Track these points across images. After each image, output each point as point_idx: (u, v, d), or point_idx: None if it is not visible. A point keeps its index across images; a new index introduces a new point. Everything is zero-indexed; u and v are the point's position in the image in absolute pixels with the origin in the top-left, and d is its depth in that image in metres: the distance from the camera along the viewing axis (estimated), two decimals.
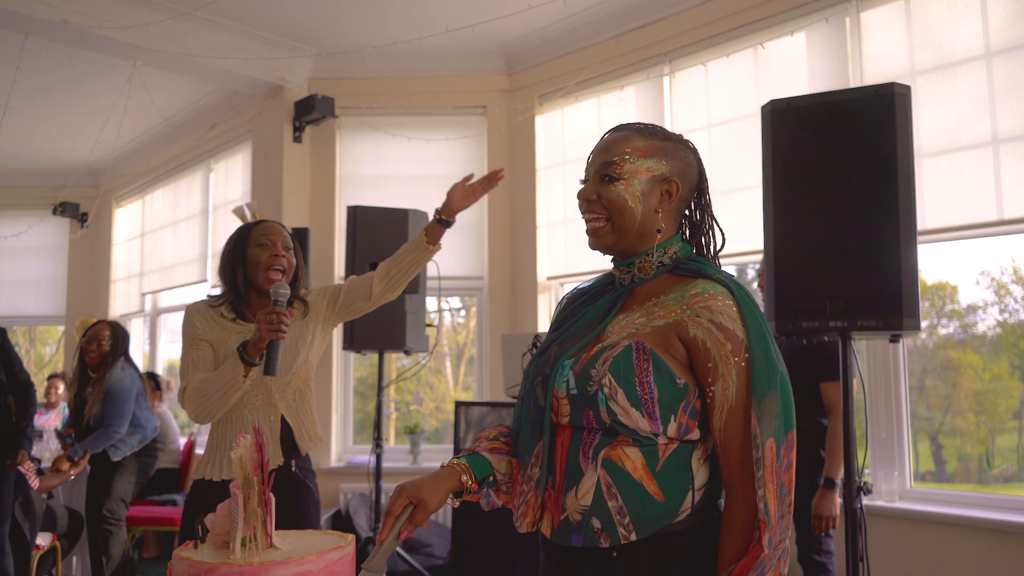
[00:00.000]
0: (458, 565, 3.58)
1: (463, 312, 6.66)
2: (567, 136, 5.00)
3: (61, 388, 6.33)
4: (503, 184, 5.17)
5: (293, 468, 2.26)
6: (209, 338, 2.25)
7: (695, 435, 1.30)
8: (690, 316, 1.28)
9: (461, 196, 2.38)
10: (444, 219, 2.37)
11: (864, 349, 3.65)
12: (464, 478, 1.37)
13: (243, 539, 1.15)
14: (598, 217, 1.39)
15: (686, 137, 1.46)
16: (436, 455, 5.22)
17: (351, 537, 1.23)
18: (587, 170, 1.43)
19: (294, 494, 2.24)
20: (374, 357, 4.12)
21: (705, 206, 1.44)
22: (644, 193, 1.37)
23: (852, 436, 2.42)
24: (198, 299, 2.38)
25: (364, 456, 5.10)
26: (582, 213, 1.42)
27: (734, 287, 1.31)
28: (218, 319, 2.27)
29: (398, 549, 4.16)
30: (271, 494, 1.21)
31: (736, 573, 1.22)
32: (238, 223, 5.52)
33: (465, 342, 7.50)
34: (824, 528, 2.92)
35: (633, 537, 1.27)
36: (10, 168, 7.33)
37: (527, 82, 5.16)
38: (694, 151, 1.44)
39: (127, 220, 7.70)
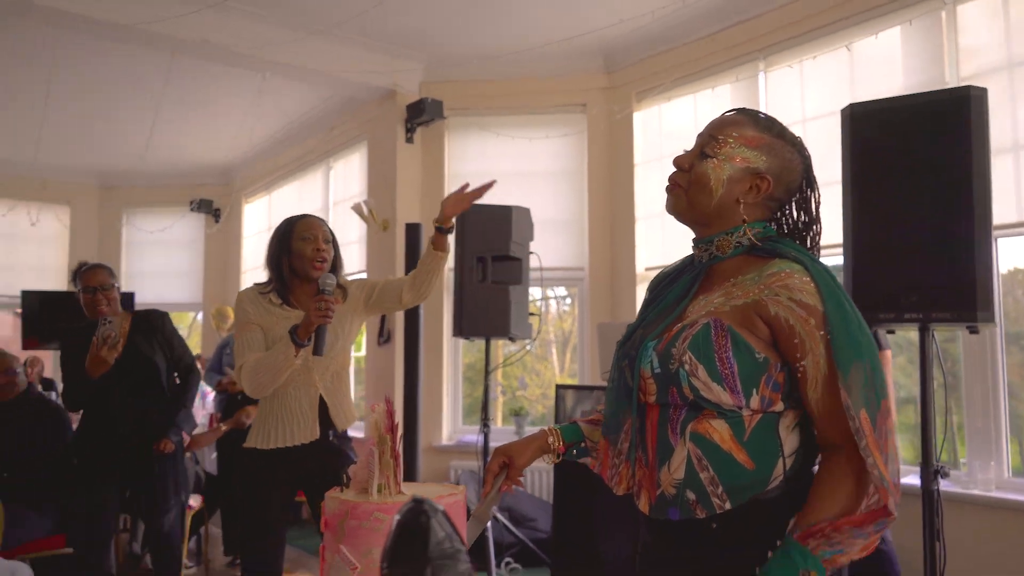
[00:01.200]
0: (560, 538, 3.81)
1: (568, 300, 6.89)
2: (664, 132, 5.17)
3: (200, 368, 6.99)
4: (603, 179, 5.44)
5: (330, 438, 2.57)
6: (259, 322, 2.54)
7: (779, 407, 1.32)
8: (769, 295, 1.31)
9: (453, 203, 2.57)
10: (441, 227, 2.58)
11: (961, 339, 3.70)
12: (551, 439, 1.56)
13: (379, 485, 1.46)
14: (679, 186, 1.44)
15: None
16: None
17: (462, 488, 1.53)
18: (697, 138, 1.47)
19: (334, 459, 2.55)
20: (482, 344, 4.43)
21: (806, 207, 1.46)
22: (731, 179, 1.39)
23: (929, 423, 2.54)
24: (248, 287, 2.69)
25: (472, 436, 5.44)
26: (669, 176, 1.47)
27: (809, 263, 1.32)
28: (267, 305, 2.57)
29: (505, 522, 4.48)
30: (399, 453, 1.52)
31: (853, 522, 1.22)
32: (356, 218, 5.95)
33: (570, 330, 7.75)
34: None
35: (727, 506, 1.30)
36: (156, 170, 8.07)
37: (625, 80, 5.35)
38: (805, 156, 1.45)
39: (255, 215, 8.33)
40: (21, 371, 4.04)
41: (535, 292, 5.10)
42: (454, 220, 2.61)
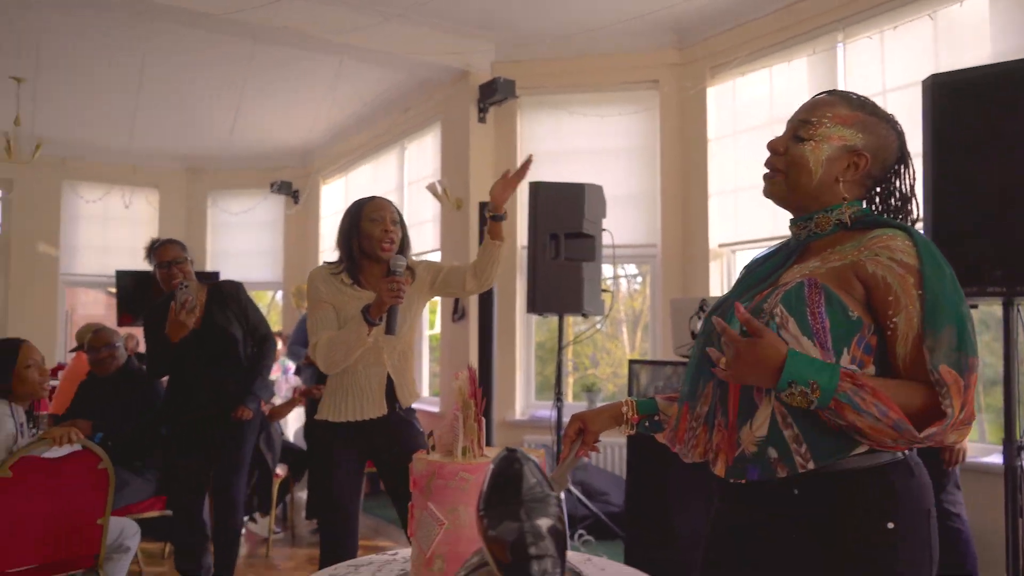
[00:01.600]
0: (633, 511, 3.87)
1: (639, 279, 6.89)
2: (738, 107, 5.11)
3: (279, 344, 7.26)
4: (675, 155, 5.42)
5: (397, 410, 2.67)
6: (331, 301, 2.63)
7: (870, 370, 1.32)
8: (868, 256, 1.32)
9: (500, 190, 2.58)
10: (494, 215, 2.61)
11: None
12: (625, 409, 1.62)
13: (463, 448, 1.55)
14: (777, 169, 1.47)
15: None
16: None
17: (541, 451, 1.60)
18: (788, 123, 1.49)
19: (401, 431, 2.66)
20: (552, 323, 4.50)
21: (901, 183, 1.47)
22: (829, 159, 1.41)
23: (1012, 398, 2.50)
24: (319, 266, 2.78)
25: (544, 411, 5.53)
26: (766, 161, 1.50)
27: (912, 231, 1.34)
28: (338, 285, 2.65)
29: (579, 495, 4.56)
30: (482, 418, 1.60)
31: (890, 406, 1.23)
32: (430, 197, 6.06)
33: (641, 308, 7.74)
34: (953, 461, 2.97)
35: (811, 466, 1.30)
36: (239, 154, 8.36)
37: (698, 55, 5.29)
38: (899, 133, 1.46)
39: (332, 196, 8.55)
40: (121, 345, 4.29)
41: (607, 269, 5.13)
42: (505, 208, 2.64)
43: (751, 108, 5.00)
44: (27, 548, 2.79)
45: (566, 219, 4.24)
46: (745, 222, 5.03)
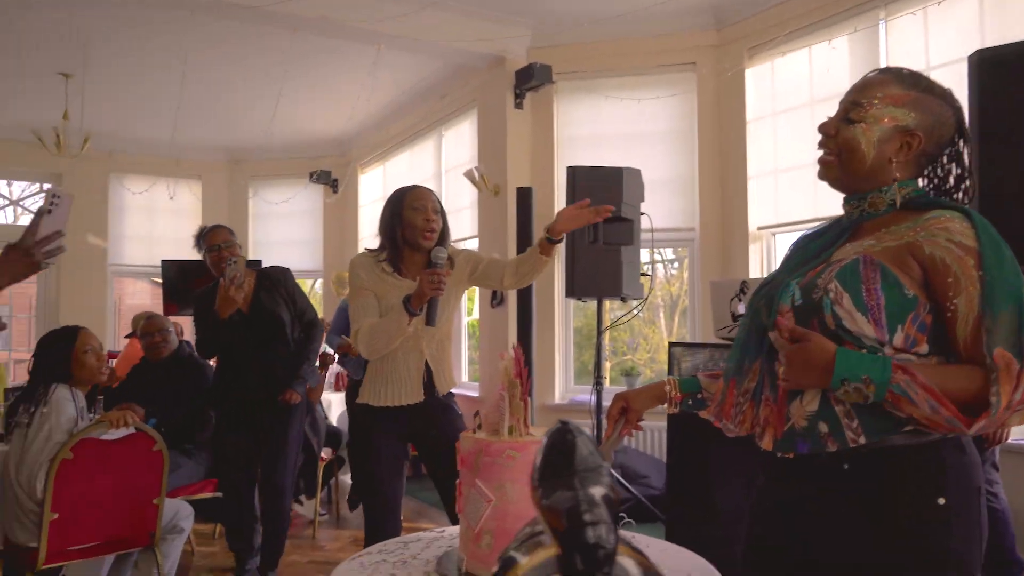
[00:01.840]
0: (673, 491, 3.88)
1: (676, 264, 6.86)
2: (777, 88, 5.06)
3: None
4: (713, 137, 5.38)
5: (436, 395, 2.71)
6: (372, 288, 2.67)
7: (923, 348, 1.32)
8: (925, 237, 1.31)
9: (566, 220, 2.52)
10: (551, 238, 2.55)
11: None
12: (668, 388, 1.65)
13: (510, 427, 1.59)
14: (830, 152, 1.46)
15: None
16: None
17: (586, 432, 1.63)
18: (840, 104, 1.47)
19: (440, 415, 2.71)
20: (590, 309, 4.51)
21: (958, 160, 1.45)
22: (881, 140, 1.40)
23: None
24: (361, 253, 2.82)
25: (584, 396, 5.56)
26: (819, 145, 1.49)
27: (971, 212, 1.33)
28: (379, 273, 2.69)
29: (619, 478, 4.59)
30: (527, 397, 1.64)
31: (938, 398, 1.23)
32: (468, 184, 6.10)
33: (679, 293, 7.71)
34: (995, 440, 2.90)
35: (862, 440, 1.30)
36: (279, 144, 8.47)
37: (736, 36, 5.24)
38: (956, 108, 1.43)
39: (370, 184, 8.64)
40: (172, 331, 4.42)
41: (645, 254, 5.13)
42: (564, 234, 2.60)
43: (791, 89, 4.94)
44: (89, 526, 2.90)
45: (603, 202, 4.23)
46: (785, 204, 4.99)
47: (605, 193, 4.25)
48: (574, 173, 4.38)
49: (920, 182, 1.46)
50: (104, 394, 3.94)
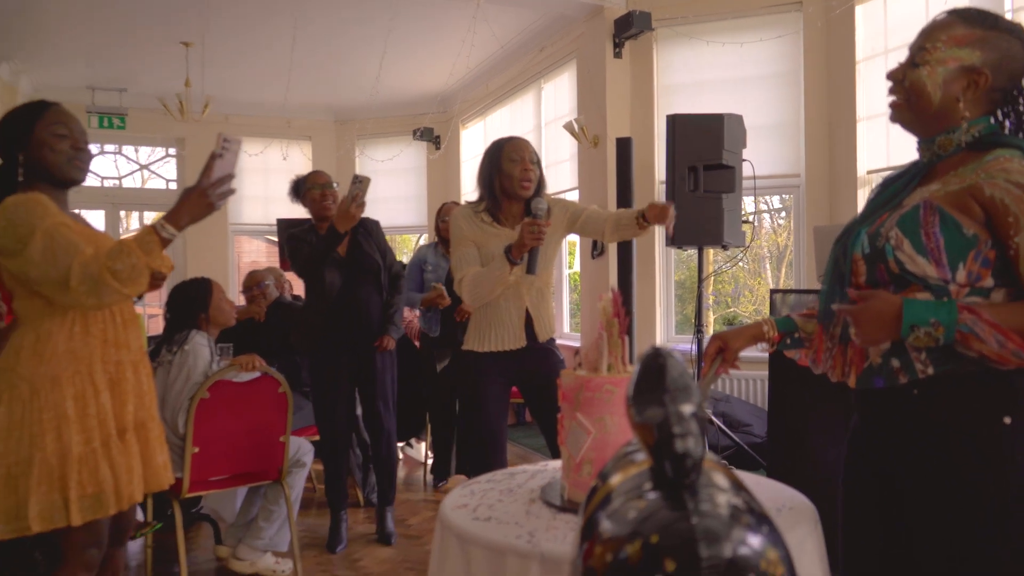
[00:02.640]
0: (773, 442, 3.89)
1: (784, 213, 6.70)
2: (889, 24, 4.82)
3: None
4: (819, 79, 5.22)
5: (540, 343, 2.81)
6: (473, 238, 2.77)
7: (988, 283, 1.37)
8: (985, 179, 1.35)
9: (657, 214, 2.65)
10: (645, 221, 2.70)
11: None
12: (765, 328, 1.70)
13: (608, 364, 1.67)
14: (898, 96, 1.52)
15: None
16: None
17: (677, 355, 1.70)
18: (908, 49, 1.52)
19: (544, 359, 2.82)
20: (692, 261, 4.50)
21: None
22: (947, 81, 1.44)
23: None
24: (461, 205, 2.92)
25: (685, 345, 5.57)
26: (888, 91, 1.54)
27: None
28: (479, 223, 2.78)
29: (721, 426, 4.62)
30: (625, 336, 1.71)
31: (1006, 333, 1.29)
32: (568, 137, 6.11)
33: (786, 244, 7.52)
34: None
35: (930, 371, 1.38)
36: (383, 103, 8.68)
37: None
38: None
39: (472, 140, 8.76)
40: (270, 283, 4.74)
41: (748, 201, 5.05)
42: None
43: (904, 25, 4.70)
44: (224, 460, 3.18)
45: (705, 151, 4.21)
46: (897, 146, 4.79)
47: (705, 141, 4.21)
48: (673, 121, 4.35)
49: (997, 119, 1.48)
50: (232, 342, 4.23)
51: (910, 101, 1.49)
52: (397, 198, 9.46)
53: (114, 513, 2.03)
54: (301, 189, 3.82)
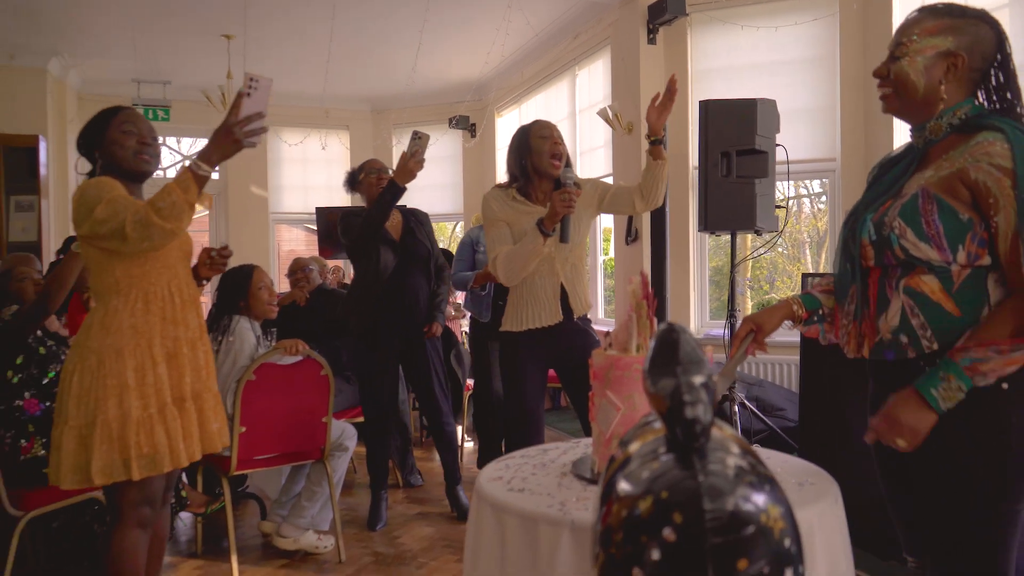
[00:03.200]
0: (805, 426, 3.92)
1: (824, 197, 6.67)
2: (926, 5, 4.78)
3: None
4: (855, 63, 5.18)
5: (574, 319, 2.89)
6: (504, 218, 2.86)
7: (986, 261, 1.50)
8: (971, 163, 1.48)
9: (656, 115, 2.73)
10: (653, 139, 2.79)
11: None
12: (795, 308, 1.79)
13: (637, 344, 1.74)
14: (887, 89, 1.64)
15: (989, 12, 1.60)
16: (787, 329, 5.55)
17: (709, 349, 1.76)
18: (888, 49, 1.64)
19: (579, 338, 2.90)
20: (728, 247, 4.52)
21: (1005, 68, 1.58)
22: (927, 68, 1.57)
23: None
24: (491, 188, 3.00)
25: (718, 331, 5.60)
26: (877, 86, 1.67)
27: (1009, 131, 1.48)
28: (510, 202, 2.89)
29: (754, 411, 4.64)
30: (654, 317, 1.78)
31: (996, 343, 1.42)
32: (602, 123, 6.14)
33: (826, 228, 7.47)
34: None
35: (935, 346, 1.52)
36: (419, 92, 8.79)
37: None
38: (992, 24, 1.58)
39: (507, 128, 8.82)
40: (314, 269, 4.87)
41: (782, 186, 5.04)
42: (664, 129, 2.80)
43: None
44: (269, 439, 3.31)
45: (737, 136, 4.23)
46: None
47: (738, 126, 4.23)
48: (706, 107, 4.37)
49: (979, 101, 1.60)
50: (275, 326, 4.39)
51: (897, 91, 1.62)
52: (433, 186, 9.56)
53: (168, 471, 2.24)
54: (356, 177, 3.94)
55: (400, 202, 3.66)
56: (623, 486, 0.91)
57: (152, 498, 2.29)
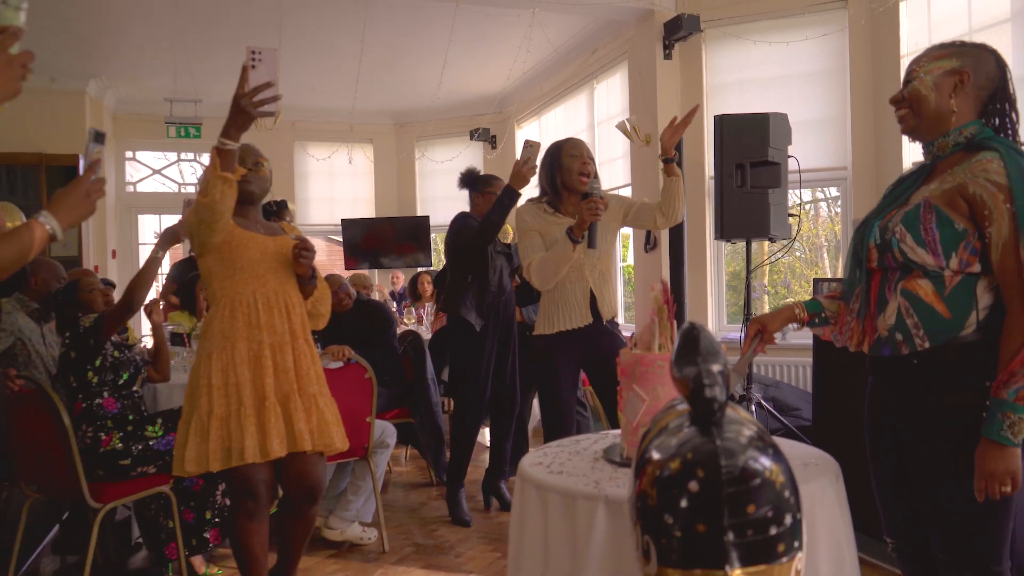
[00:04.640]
0: (819, 425, 4.10)
1: (841, 202, 6.85)
2: (933, 19, 4.98)
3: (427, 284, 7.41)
4: (866, 74, 5.40)
5: (603, 323, 3.13)
6: (536, 229, 3.13)
7: (976, 268, 1.67)
8: (970, 178, 1.65)
9: (669, 136, 2.96)
10: (667, 158, 3.01)
11: None
12: (797, 311, 2.01)
13: (659, 344, 1.97)
14: (903, 110, 1.83)
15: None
16: (803, 333, 5.74)
17: (724, 348, 1.99)
18: (902, 83, 1.84)
19: (607, 340, 3.11)
20: (744, 253, 4.72)
21: (1004, 92, 1.75)
22: (937, 84, 1.75)
23: None
24: (524, 202, 3.26)
25: (735, 334, 5.80)
26: (895, 112, 1.86)
27: (1003, 150, 1.64)
28: (541, 214, 3.15)
29: (771, 410, 4.84)
30: (674, 320, 2.01)
31: (1016, 364, 1.57)
32: (621, 136, 6.36)
33: (842, 233, 7.61)
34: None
35: (927, 345, 1.69)
36: (441, 106, 9.05)
37: None
38: (992, 52, 1.78)
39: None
40: (347, 285, 5.13)
41: (794, 195, 5.24)
42: (680, 143, 3.08)
43: (947, 20, 4.85)
44: None
45: (751, 149, 4.45)
46: None
47: (751, 139, 4.45)
48: (721, 121, 4.58)
49: (982, 123, 1.75)
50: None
51: (913, 109, 1.80)
52: (456, 197, 9.72)
53: (240, 464, 2.46)
54: (478, 183, 4.31)
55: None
56: (654, 454, 1.14)
57: (249, 489, 2.51)
